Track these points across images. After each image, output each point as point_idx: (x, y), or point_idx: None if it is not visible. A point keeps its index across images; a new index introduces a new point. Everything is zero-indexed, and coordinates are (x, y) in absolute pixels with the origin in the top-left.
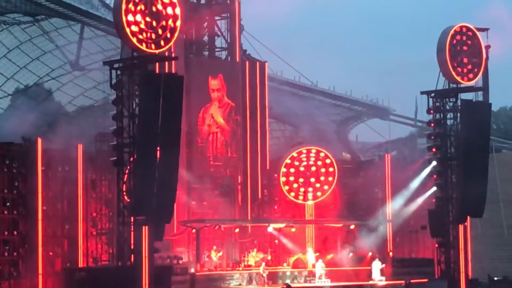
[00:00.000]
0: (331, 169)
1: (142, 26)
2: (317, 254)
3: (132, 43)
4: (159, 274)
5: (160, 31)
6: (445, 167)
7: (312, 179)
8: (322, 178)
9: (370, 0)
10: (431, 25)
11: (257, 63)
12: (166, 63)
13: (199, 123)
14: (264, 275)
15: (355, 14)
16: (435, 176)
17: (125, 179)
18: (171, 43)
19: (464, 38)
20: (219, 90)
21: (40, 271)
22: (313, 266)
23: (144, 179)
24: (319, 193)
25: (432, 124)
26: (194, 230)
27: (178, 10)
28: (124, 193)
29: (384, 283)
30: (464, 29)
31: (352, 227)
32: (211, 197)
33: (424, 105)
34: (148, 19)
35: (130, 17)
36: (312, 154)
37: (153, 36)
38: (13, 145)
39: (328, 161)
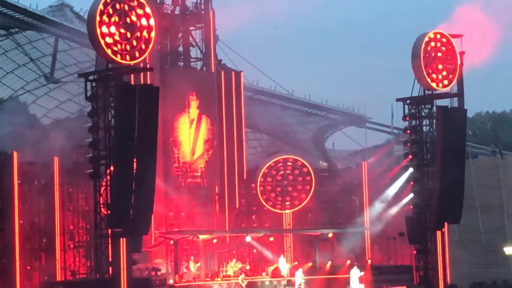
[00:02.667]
0: (308, 178)
1: (117, 37)
2: (296, 263)
3: (107, 54)
4: (138, 286)
5: (134, 43)
6: (421, 173)
7: (290, 188)
8: (299, 187)
9: (344, 9)
10: (406, 32)
11: (233, 73)
12: (142, 74)
13: (176, 134)
14: (243, 285)
15: (329, 22)
16: (412, 182)
17: (101, 192)
18: (146, 54)
19: (439, 44)
20: (194, 94)
21: (18, 285)
22: (292, 275)
23: (121, 191)
24: (296, 202)
25: (408, 131)
26: (172, 241)
27: (152, 21)
28: (101, 206)
29: None
30: (438, 36)
31: (330, 235)
32: (188, 208)
33: (400, 112)
34: (122, 30)
35: (105, 29)
36: (289, 163)
37: (128, 47)
38: None
39: (305, 169)
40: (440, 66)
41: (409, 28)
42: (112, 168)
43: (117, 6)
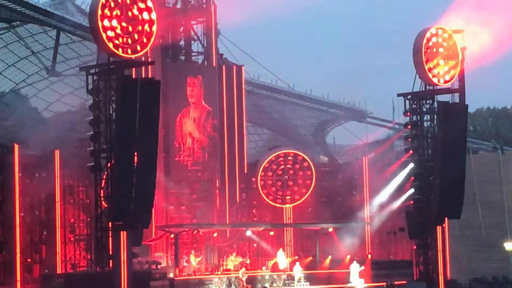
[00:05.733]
0: (308, 172)
1: (118, 31)
2: (296, 257)
3: (109, 48)
4: (138, 279)
5: (136, 36)
6: (422, 169)
7: (290, 183)
8: (300, 182)
9: (346, 4)
10: (408, 28)
11: (234, 67)
12: (143, 68)
13: (177, 128)
14: (243, 279)
15: (331, 17)
16: (412, 178)
17: (102, 185)
18: (148, 48)
19: (440, 40)
20: (196, 87)
21: (18, 278)
22: (291, 269)
23: (121, 184)
24: (297, 197)
25: (409, 126)
26: (172, 235)
27: (154, 15)
28: (102, 199)
29: (364, 285)
30: (439, 31)
31: (330, 229)
32: (189, 201)
33: (401, 107)
34: (124, 24)
35: (106, 23)
36: (289, 158)
37: (129, 41)
38: None
39: (305, 164)
40: (441, 62)
41: (413, 22)
42: (113, 162)
43: None
